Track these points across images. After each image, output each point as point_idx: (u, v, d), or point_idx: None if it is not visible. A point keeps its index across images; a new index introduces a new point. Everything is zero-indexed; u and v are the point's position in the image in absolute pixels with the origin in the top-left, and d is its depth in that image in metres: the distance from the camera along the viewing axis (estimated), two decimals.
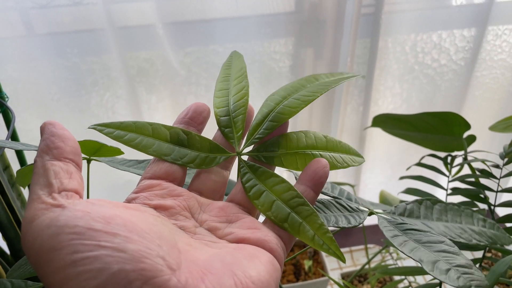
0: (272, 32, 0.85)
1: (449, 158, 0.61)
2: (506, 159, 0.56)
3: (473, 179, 0.59)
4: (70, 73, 0.83)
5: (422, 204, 0.38)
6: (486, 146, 1.11)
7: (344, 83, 0.87)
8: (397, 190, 0.65)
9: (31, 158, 0.61)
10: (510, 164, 0.58)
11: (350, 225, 0.33)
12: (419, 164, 0.60)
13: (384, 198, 0.70)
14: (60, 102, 0.86)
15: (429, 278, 0.85)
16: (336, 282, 0.51)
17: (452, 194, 0.55)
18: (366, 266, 0.80)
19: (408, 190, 0.59)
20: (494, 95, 1.04)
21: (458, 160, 0.64)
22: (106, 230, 0.20)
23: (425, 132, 0.62)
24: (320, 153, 0.32)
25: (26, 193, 0.53)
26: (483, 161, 0.57)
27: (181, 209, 0.28)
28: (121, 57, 0.83)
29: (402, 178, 0.61)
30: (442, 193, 0.59)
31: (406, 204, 0.37)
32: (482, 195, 0.57)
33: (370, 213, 0.36)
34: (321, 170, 0.30)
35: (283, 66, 0.91)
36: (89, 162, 0.37)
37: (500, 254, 0.83)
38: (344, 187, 1.10)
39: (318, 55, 0.87)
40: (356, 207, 0.36)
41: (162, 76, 0.88)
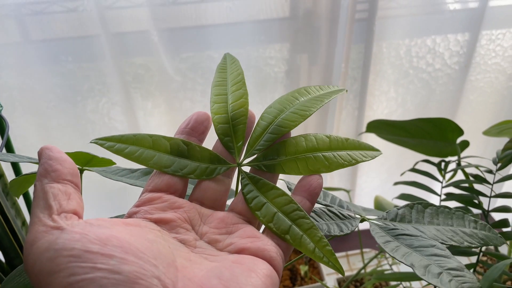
0: (267, 38, 0.86)
1: (442, 164, 0.61)
2: (499, 165, 0.56)
3: (466, 185, 0.59)
4: (66, 79, 0.83)
5: (413, 208, 0.38)
6: (481, 150, 1.12)
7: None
8: (393, 195, 0.65)
9: (26, 167, 0.61)
10: (504, 169, 0.58)
11: (342, 233, 0.33)
12: (413, 169, 0.61)
13: (379, 203, 0.70)
14: (56, 108, 0.86)
15: (425, 283, 0.85)
16: None
17: (445, 199, 0.56)
18: (362, 271, 0.80)
19: (402, 196, 0.59)
20: (489, 99, 1.04)
21: (452, 165, 0.64)
22: (103, 252, 0.21)
23: (418, 137, 0.63)
24: (322, 154, 0.32)
25: (21, 202, 0.53)
26: (477, 166, 0.58)
27: (182, 221, 0.28)
28: (116, 63, 0.83)
29: (396, 183, 0.62)
30: (436, 198, 0.59)
31: (398, 209, 0.38)
32: (476, 201, 0.57)
33: (362, 219, 0.36)
34: (315, 182, 0.31)
35: (279, 72, 0.91)
36: (81, 172, 0.37)
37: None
38: (339, 193, 1.10)
39: (313, 61, 0.87)
40: (348, 215, 0.36)
41: (157, 82, 0.88)
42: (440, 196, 0.57)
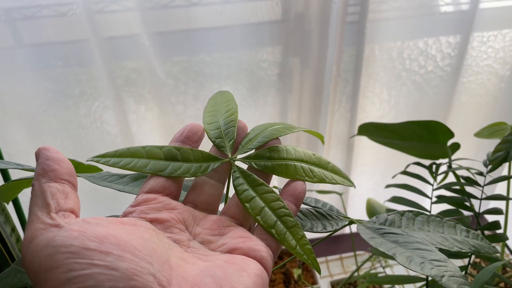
0: (259, 41, 0.86)
1: (434, 166, 0.61)
2: (489, 167, 0.56)
3: (458, 187, 0.59)
4: (57, 84, 0.83)
5: (404, 215, 0.38)
6: (473, 151, 1.12)
7: (330, 91, 0.87)
8: (387, 197, 0.65)
9: (15, 174, 0.61)
10: (495, 171, 0.58)
11: (325, 231, 0.34)
12: (404, 172, 0.61)
13: (371, 206, 0.70)
14: (47, 113, 0.86)
15: (418, 284, 0.86)
16: None
17: (436, 202, 0.56)
18: (356, 274, 0.80)
19: (393, 199, 0.59)
20: (481, 101, 1.05)
21: (443, 168, 0.65)
22: (100, 249, 0.22)
23: (409, 140, 0.63)
24: (309, 166, 0.35)
25: (10, 208, 0.52)
26: (468, 168, 0.58)
27: (176, 222, 0.29)
28: (107, 67, 0.82)
29: (387, 186, 0.62)
30: (428, 201, 0.59)
31: (388, 215, 0.38)
32: (467, 203, 0.57)
33: (351, 222, 0.36)
34: (300, 187, 0.33)
35: (271, 75, 0.91)
36: None
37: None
38: (331, 195, 1.10)
39: (304, 64, 0.87)
40: (336, 216, 0.37)
41: (150, 85, 0.88)
42: (431, 198, 0.57)
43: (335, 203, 1.14)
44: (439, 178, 0.62)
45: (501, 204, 0.90)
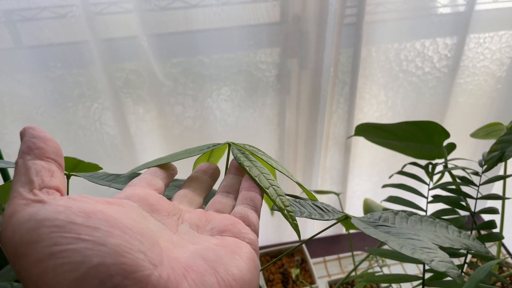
0: (257, 42, 0.86)
1: (430, 166, 0.61)
2: (485, 167, 0.57)
3: (454, 187, 0.60)
4: (56, 85, 0.84)
5: (397, 214, 0.39)
6: (471, 152, 1.13)
7: (328, 92, 0.88)
8: (385, 198, 0.66)
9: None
10: (491, 171, 0.59)
11: (322, 219, 0.35)
12: (400, 172, 0.61)
13: (368, 205, 0.70)
14: (46, 114, 0.86)
15: (415, 283, 0.86)
16: None
17: (432, 201, 0.56)
18: (353, 274, 0.80)
19: (389, 198, 0.60)
20: (478, 101, 1.05)
21: (440, 168, 0.65)
22: (87, 224, 0.20)
23: (406, 140, 0.63)
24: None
25: None
26: (463, 168, 0.58)
27: (162, 206, 0.28)
28: (106, 69, 0.83)
29: (384, 186, 0.62)
30: (424, 200, 0.60)
31: (382, 213, 0.38)
32: (463, 203, 0.58)
33: (346, 216, 0.37)
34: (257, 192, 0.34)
35: (270, 76, 0.92)
36: (68, 177, 0.38)
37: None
38: (329, 196, 1.10)
39: (302, 65, 0.88)
40: (331, 210, 0.37)
41: (149, 87, 0.89)
42: (427, 198, 0.57)
43: (334, 205, 1.14)
44: (436, 178, 0.62)
45: (497, 203, 0.91)
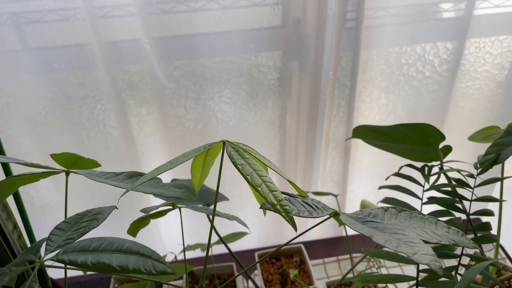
0: (259, 46, 0.88)
1: (426, 168, 0.62)
2: (480, 169, 0.58)
3: (449, 189, 0.60)
4: (61, 86, 0.85)
5: (387, 211, 0.40)
6: (472, 155, 1.13)
7: (327, 95, 0.89)
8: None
9: (16, 171, 0.63)
10: (487, 173, 0.59)
11: (310, 216, 0.36)
12: (397, 174, 0.62)
13: (364, 207, 0.71)
14: (51, 115, 0.88)
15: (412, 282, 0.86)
16: None
17: (427, 203, 0.57)
18: (350, 275, 0.81)
19: (385, 200, 0.60)
20: (479, 106, 1.06)
21: (435, 170, 0.66)
22: None
23: (402, 142, 0.64)
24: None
25: (12, 206, 0.54)
26: (458, 170, 0.59)
27: None
28: (109, 71, 0.85)
29: (380, 188, 0.63)
30: (420, 202, 0.60)
31: (371, 209, 0.39)
32: (458, 204, 0.59)
33: (335, 213, 0.38)
34: None
35: (271, 79, 0.93)
36: (67, 174, 0.39)
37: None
38: (329, 198, 1.11)
39: (302, 69, 0.89)
40: (321, 207, 0.38)
41: (152, 89, 0.90)
42: (421, 199, 0.58)
43: (334, 207, 1.15)
44: (432, 180, 0.63)
45: (496, 206, 0.91)
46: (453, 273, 0.57)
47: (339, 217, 0.37)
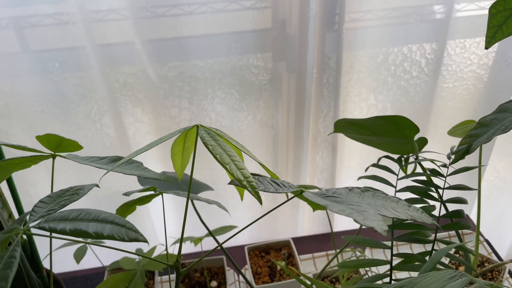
0: (249, 47, 0.91)
1: (402, 159, 0.65)
2: (452, 158, 0.60)
3: (425, 178, 0.63)
4: (59, 87, 0.89)
5: (351, 190, 0.42)
6: None
7: (312, 93, 0.92)
8: None
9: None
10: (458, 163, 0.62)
11: (276, 191, 0.39)
12: (375, 165, 0.64)
13: None
14: (49, 115, 0.92)
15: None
16: (301, 282, 0.55)
17: (400, 190, 0.60)
18: (334, 265, 0.83)
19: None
20: (468, 106, 1.08)
21: (412, 160, 0.68)
22: None
23: (380, 135, 0.67)
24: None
25: (5, 190, 0.57)
26: (432, 160, 0.61)
27: None
28: (104, 72, 0.88)
29: (359, 178, 0.65)
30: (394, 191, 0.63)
31: (337, 188, 0.42)
32: (433, 192, 0.61)
33: (301, 190, 0.40)
34: None
35: (263, 79, 0.96)
36: (54, 157, 0.42)
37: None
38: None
39: (290, 68, 0.92)
40: (288, 185, 0.41)
41: (146, 90, 0.94)
42: (395, 187, 0.61)
43: None
44: (409, 171, 0.66)
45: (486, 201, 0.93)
46: (427, 257, 0.60)
47: (303, 194, 0.40)
